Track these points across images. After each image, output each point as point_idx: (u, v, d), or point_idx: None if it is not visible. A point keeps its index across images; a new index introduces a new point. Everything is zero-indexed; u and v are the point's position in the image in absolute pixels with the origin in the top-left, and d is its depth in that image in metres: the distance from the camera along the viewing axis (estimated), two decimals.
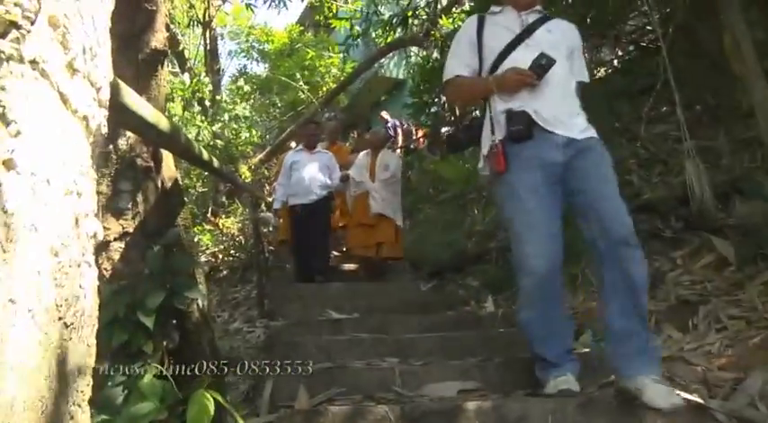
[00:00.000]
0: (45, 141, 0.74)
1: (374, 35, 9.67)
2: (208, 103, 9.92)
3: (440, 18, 8.46)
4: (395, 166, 5.96)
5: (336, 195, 6.31)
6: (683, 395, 1.97)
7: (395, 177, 5.90)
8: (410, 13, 8.23)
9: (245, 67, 17.91)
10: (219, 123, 9.05)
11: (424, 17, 8.42)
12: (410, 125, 10.54)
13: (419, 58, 9.64)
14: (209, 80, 10.04)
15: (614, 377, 2.20)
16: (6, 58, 0.67)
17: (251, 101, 11.46)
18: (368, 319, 3.87)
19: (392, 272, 6.08)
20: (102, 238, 0.97)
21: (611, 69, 6.31)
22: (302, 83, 12.36)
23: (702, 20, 3.99)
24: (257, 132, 10.24)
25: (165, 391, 1.66)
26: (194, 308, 2.19)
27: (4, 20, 0.67)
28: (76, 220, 0.83)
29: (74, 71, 0.83)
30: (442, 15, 8.60)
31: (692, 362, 2.45)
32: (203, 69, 10.97)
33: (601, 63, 6.20)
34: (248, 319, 4.98)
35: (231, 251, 7.40)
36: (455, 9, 8.87)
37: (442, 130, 8.90)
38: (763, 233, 2.93)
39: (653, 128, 4.51)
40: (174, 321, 1.98)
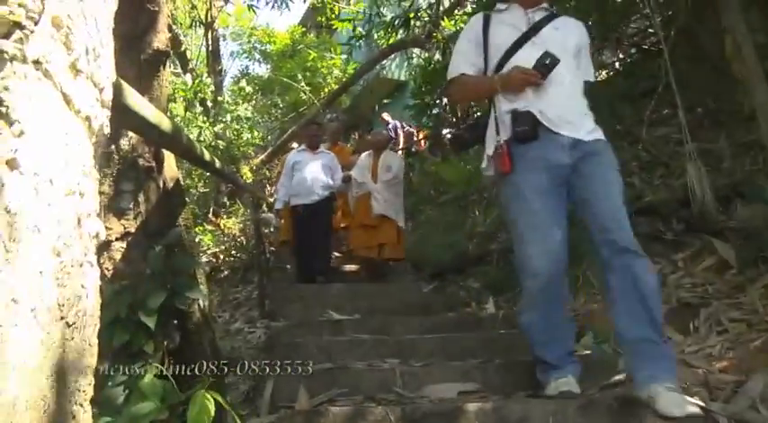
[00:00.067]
0: (48, 141, 0.74)
1: (376, 37, 9.67)
2: (210, 104, 9.94)
3: (442, 20, 8.47)
4: (397, 167, 5.96)
5: (338, 196, 6.30)
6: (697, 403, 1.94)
7: (397, 178, 5.89)
8: (412, 15, 8.23)
9: (246, 67, 17.85)
10: (221, 124, 9.05)
11: (426, 19, 8.42)
12: (411, 127, 10.55)
13: (421, 60, 9.64)
14: (211, 81, 10.05)
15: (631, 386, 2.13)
16: (10, 58, 0.67)
17: (253, 102, 11.48)
18: (369, 320, 3.86)
19: (393, 273, 6.08)
20: (104, 237, 0.97)
21: (612, 72, 6.30)
22: (304, 84, 12.37)
23: (704, 23, 3.99)
24: (259, 133, 10.24)
25: (166, 391, 1.66)
26: (195, 308, 2.20)
27: (8, 20, 0.67)
28: (79, 221, 0.83)
29: (77, 72, 0.84)
30: (444, 17, 8.61)
31: (692, 364, 2.44)
32: (205, 70, 10.99)
33: (602, 66, 6.19)
34: (249, 320, 4.97)
35: (232, 252, 7.40)
36: (457, 11, 8.89)
37: (444, 131, 8.91)
38: (765, 236, 2.92)
39: (654, 130, 4.50)
40: (176, 321, 1.98)
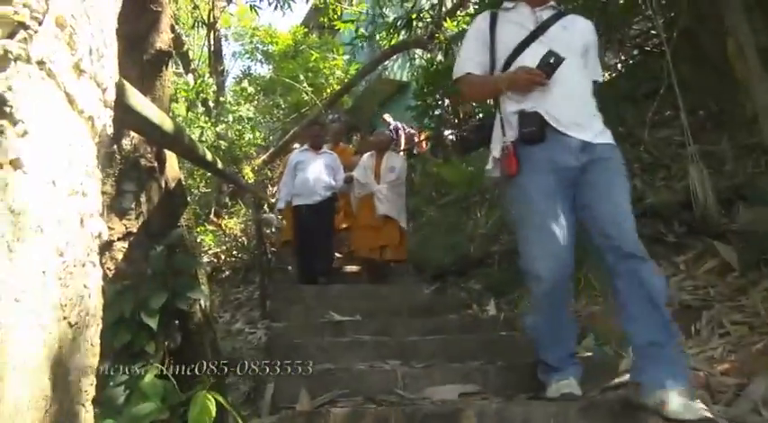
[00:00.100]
0: (51, 142, 0.74)
1: (378, 37, 9.68)
2: (212, 104, 9.94)
3: (444, 21, 8.49)
4: (400, 167, 5.95)
5: (340, 197, 6.29)
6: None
7: (400, 179, 5.88)
8: (414, 16, 8.24)
9: (249, 68, 17.89)
10: (223, 124, 9.06)
11: (428, 20, 8.43)
12: (412, 129, 10.56)
13: (423, 61, 9.65)
14: (213, 81, 10.06)
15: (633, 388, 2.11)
16: (14, 58, 0.67)
17: (255, 102, 11.48)
18: (370, 321, 3.86)
19: (395, 274, 6.07)
20: (107, 238, 0.97)
21: (615, 73, 6.29)
22: (306, 84, 12.37)
23: (706, 25, 3.98)
24: (261, 134, 10.24)
25: (167, 391, 1.67)
26: (197, 308, 2.20)
27: (13, 20, 0.67)
28: (81, 221, 0.83)
29: (80, 72, 0.84)
30: (447, 18, 8.63)
31: (694, 367, 2.44)
32: (207, 70, 11.00)
33: (605, 67, 6.18)
34: (250, 321, 4.97)
35: (234, 252, 7.40)
36: (459, 12, 8.90)
37: (446, 132, 8.92)
38: (767, 239, 2.92)
39: (657, 132, 4.50)
40: (177, 322, 1.98)
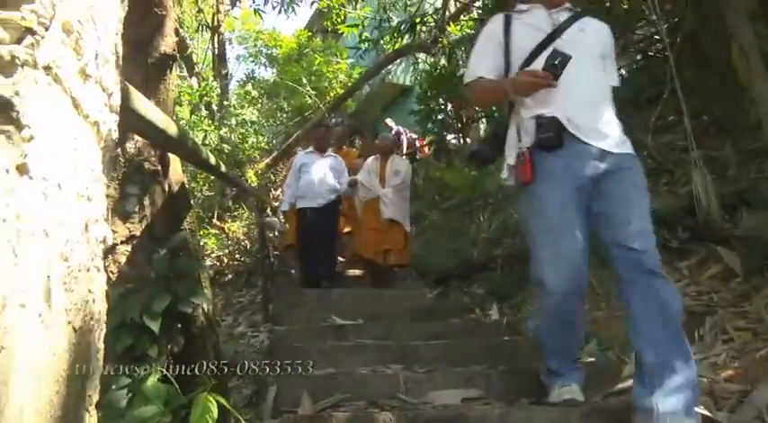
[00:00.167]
0: (57, 146, 0.75)
1: (382, 41, 9.70)
2: (215, 108, 9.97)
3: (448, 25, 8.50)
4: (405, 171, 5.95)
5: (343, 200, 6.29)
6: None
7: (405, 183, 5.88)
8: (418, 20, 8.26)
9: (252, 71, 17.98)
10: (226, 128, 9.08)
11: (431, 24, 8.45)
12: (413, 134, 10.59)
13: (427, 65, 9.67)
14: (216, 84, 10.10)
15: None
16: (21, 63, 0.67)
17: (258, 105, 11.50)
18: (372, 325, 3.86)
19: (398, 278, 6.07)
20: (111, 242, 0.97)
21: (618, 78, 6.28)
22: (309, 88, 12.39)
23: (710, 29, 3.98)
24: (264, 137, 10.26)
25: (170, 394, 1.67)
26: (199, 312, 2.20)
27: (20, 26, 0.68)
28: (86, 225, 0.83)
29: (86, 77, 0.84)
30: (450, 22, 8.64)
31: (698, 373, 2.43)
32: (211, 73, 11.04)
33: None
34: (252, 324, 4.97)
35: (236, 255, 7.41)
36: (463, 16, 8.92)
37: (449, 137, 8.93)
38: None
39: (660, 137, 4.49)
40: (180, 325, 1.99)
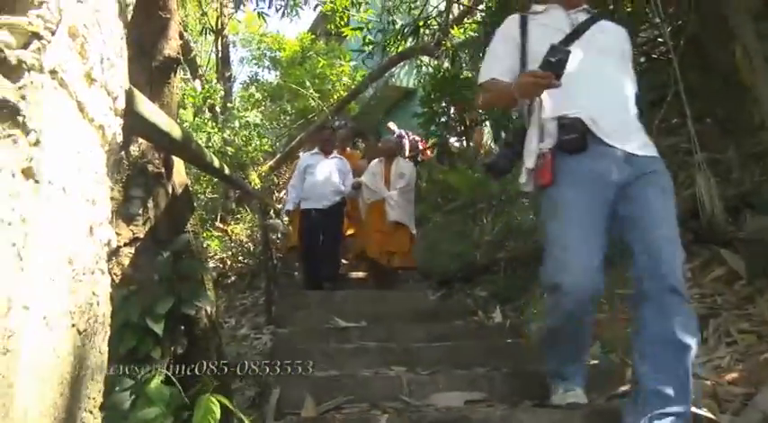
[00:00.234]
0: (63, 150, 0.75)
1: (386, 44, 9.71)
2: (219, 110, 9.99)
3: (451, 28, 8.50)
4: (409, 174, 5.96)
5: (347, 202, 6.29)
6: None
7: (409, 185, 5.89)
8: (422, 23, 8.26)
9: (256, 74, 18.01)
10: (230, 130, 9.10)
11: (435, 27, 8.45)
12: (415, 137, 10.58)
13: (430, 68, 9.67)
14: (220, 87, 10.11)
15: None
16: (28, 67, 0.68)
17: (262, 108, 11.51)
18: (375, 327, 3.86)
19: (401, 281, 6.08)
20: (115, 245, 0.98)
21: None
22: (313, 91, 12.40)
23: (713, 32, 3.98)
24: (268, 140, 10.27)
25: (173, 396, 1.67)
26: (202, 314, 2.20)
27: (27, 31, 0.69)
28: (91, 229, 0.84)
29: (91, 81, 0.85)
30: (454, 25, 8.64)
31: (701, 376, 2.43)
32: (215, 76, 11.06)
33: None
34: (255, 326, 4.97)
35: (239, 257, 7.41)
36: (467, 19, 8.91)
37: (451, 140, 8.93)
38: None
39: (663, 140, 4.47)
40: (183, 327, 1.99)
